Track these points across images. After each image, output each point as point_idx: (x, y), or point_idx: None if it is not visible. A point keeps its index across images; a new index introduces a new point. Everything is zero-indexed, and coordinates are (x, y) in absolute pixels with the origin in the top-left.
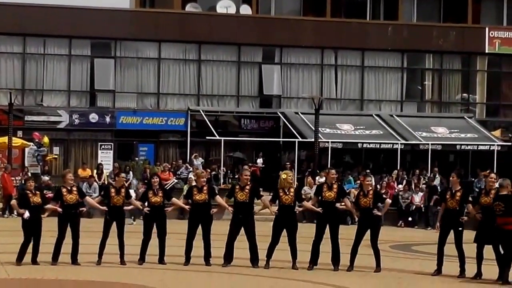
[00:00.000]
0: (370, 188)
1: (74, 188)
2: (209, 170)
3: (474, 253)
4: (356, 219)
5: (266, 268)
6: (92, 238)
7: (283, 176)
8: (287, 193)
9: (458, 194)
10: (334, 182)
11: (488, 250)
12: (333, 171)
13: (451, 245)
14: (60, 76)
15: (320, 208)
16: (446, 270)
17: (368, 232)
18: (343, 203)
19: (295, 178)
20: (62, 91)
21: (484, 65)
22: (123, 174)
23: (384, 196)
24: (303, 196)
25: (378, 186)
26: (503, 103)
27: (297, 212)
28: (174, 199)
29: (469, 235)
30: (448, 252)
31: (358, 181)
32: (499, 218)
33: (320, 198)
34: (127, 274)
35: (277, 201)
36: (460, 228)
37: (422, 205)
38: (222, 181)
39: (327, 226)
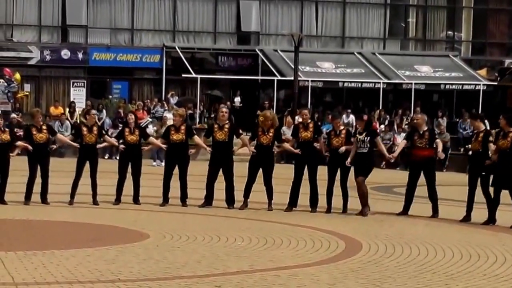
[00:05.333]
0: (342, 128)
1: (44, 127)
2: (184, 109)
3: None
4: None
5: (244, 208)
6: (65, 178)
7: (261, 118)
8: (266, 133)
9: (481, 135)
10: (309, 121)
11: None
12: (306, 111)
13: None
14: (30, 10)
15: (299, 150)
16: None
17: (339, 172)
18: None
19: None
20: (32, 26)
21: (471, 1)
22: (93, 111)
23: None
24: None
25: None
26: (489, 41)
27: (275, 152)
28: (151, 138)
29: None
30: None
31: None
32: None
33: (297, 139)
34: (100, 215)
35: (255, 140)
36: (483, 173)
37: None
38: (198, 120)
39: (305, 167)
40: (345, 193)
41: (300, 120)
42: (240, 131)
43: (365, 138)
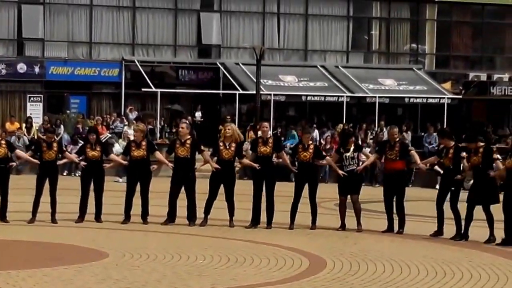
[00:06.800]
0: (311, 142)
1: (3, 142)
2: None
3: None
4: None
5: (204, 224)
6: (23, 196)
7: (228, 130)
8: (228, 147)
9: (451, 151)
10: (269, 136)
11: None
12: (266, 123)
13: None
14: None
15: (258, 165)
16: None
17: (307, 187)
18: (279, 158)
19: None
20: None
21: (434, 13)
22: (50, 135)
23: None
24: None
25: (322, 141)
26: (453, 54)
27: (236, 168)
28: (112, 155)
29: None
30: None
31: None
32: None
33: (256, 153)
34: (59, 233)
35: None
36: (452, 188)
37: None
38: (158, 135)
39: (264, 182)
40: (314, 209)
41: (260, 134)
42: (202, 147)
43: (353, 154)
